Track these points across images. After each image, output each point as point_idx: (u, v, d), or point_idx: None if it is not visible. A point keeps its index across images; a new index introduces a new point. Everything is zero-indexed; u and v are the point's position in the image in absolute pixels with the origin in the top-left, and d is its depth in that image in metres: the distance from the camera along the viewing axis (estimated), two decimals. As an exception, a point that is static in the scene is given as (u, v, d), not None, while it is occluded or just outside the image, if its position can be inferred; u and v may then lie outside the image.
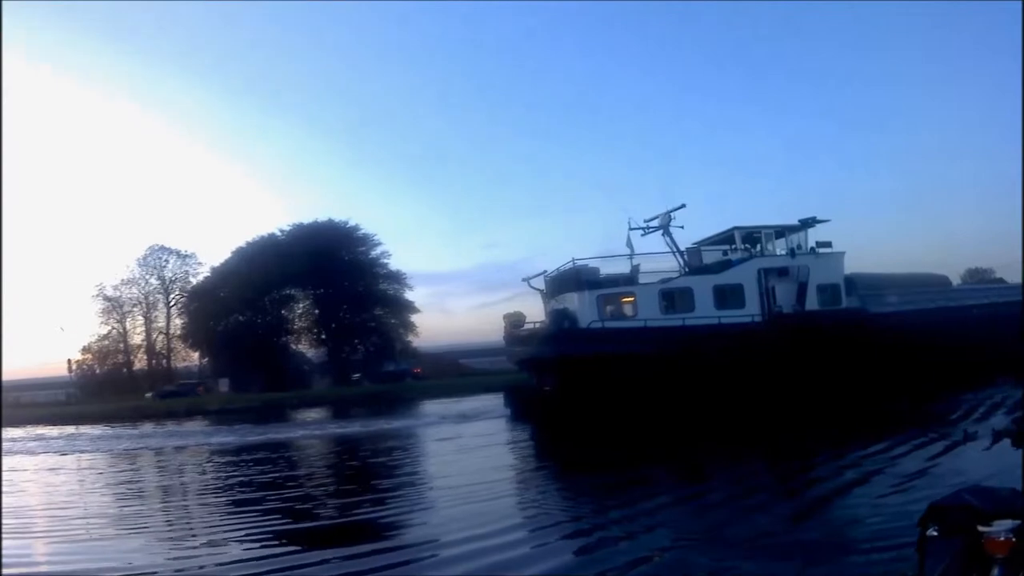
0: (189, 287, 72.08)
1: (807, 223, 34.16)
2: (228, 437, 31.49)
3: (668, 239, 33.46)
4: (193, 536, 13.06)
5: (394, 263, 70.20)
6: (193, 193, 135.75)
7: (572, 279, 32.13)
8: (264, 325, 68.00)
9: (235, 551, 11.22)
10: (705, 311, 30.87)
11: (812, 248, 33.62)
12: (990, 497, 3.28)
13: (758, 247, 34.32)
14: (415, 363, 63.54)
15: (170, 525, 14.34)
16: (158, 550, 11.75)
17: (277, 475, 20.03)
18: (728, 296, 31.71)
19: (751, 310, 31.40)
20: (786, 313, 32.05)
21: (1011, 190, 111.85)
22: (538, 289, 35.63)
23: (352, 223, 69.19)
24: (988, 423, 17.36)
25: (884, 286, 35.53)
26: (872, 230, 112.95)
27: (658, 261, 33.55)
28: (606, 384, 26.80)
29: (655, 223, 33.60)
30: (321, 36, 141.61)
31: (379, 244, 69.41)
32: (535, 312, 35.74)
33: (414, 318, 70.92)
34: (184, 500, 17.52)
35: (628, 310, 31.70)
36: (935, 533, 3.29)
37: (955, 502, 3.30)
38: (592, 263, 32.34)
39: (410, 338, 69.92)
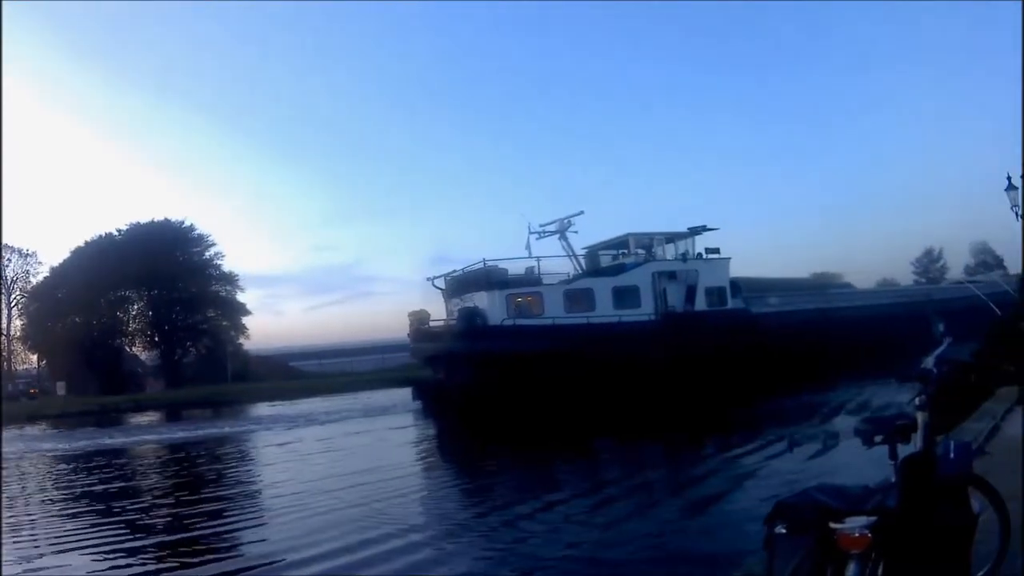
0: (29, 287, 70.03)
1: (696, 230, 37.64)
2: (66, 443, 30.63)
3: (564, 243, 36.66)
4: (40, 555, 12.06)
5: (227, 264, 70.94)
6: (46, 180, 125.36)
7: (482, 279, 34.14)
8: (100, 327, 66.75)
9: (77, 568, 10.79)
10: (605, 310, 33.61)
11: (699, 254, 37.08)
12: (840, 494, 3.22)
13: (651, 252, 37.47)
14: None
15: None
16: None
17: (113, 484, 19.14)
18: (625, 296, 34.47)
19: (646, 309, 34.46)
20: (678, 312, 35.02)
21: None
22: (439, 288, 37.96)
23: (187, 223, 69.65)
24: (832, 424, 19.41)
25: (765, 289, 39.89)
26: (752, 236, 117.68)
27: (551, 263, 36.29)
28: (517, 378, 28.83)
29: (552, 227, 36.61)
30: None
31: (213, 245, 69.92)
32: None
33: (245, 320, 71.71)
34: (27, 513, 16.07)
35: (534, 308, 33.79)
36: (783, 531, 3.14)
37: (804, 500, 3.21)
38: (501, 264, 34.97)
39: (241, 340, 70.79)
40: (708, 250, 37.21)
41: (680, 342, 31.22)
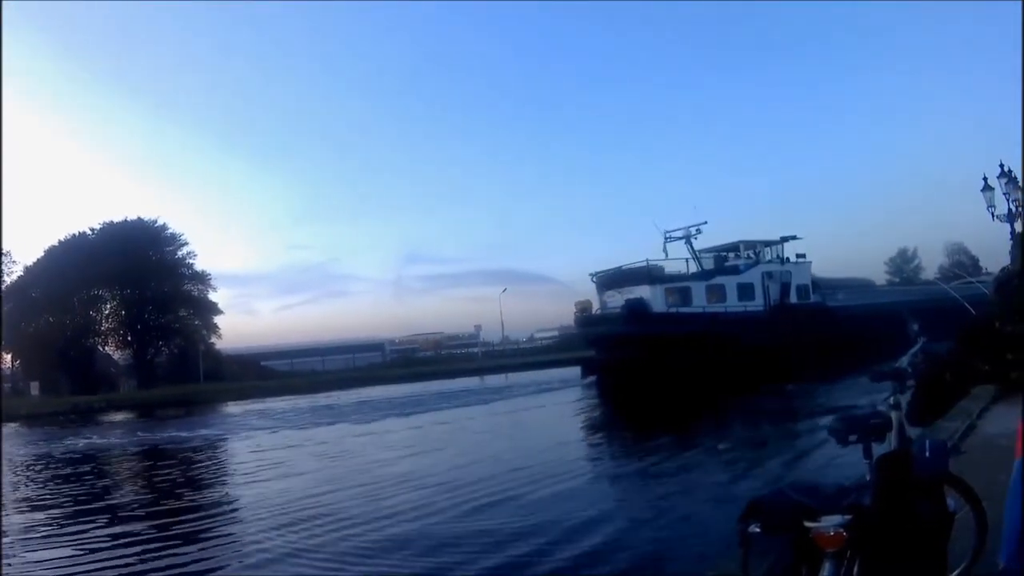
0: (3, 286, 69.52)
1: (786, 239, 47.74)
2: (43, 447, 29.62)
3: (689, 247, 46.07)
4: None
5: (199, 264, 72.49)
6: (19, 180, 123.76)
7: (644, 274, 42.90)
8: (73, 326, 68.41)
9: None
10: (732, 302, 43.13)
11: (787, 258, 47.67)
12: (814, 493, 3.29)
13: (758, 255, 47.70)
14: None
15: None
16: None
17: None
18: (745, 291, 43.89)
19: (759, 302, 43.94)
20: (780, 305, 44.36)
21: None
22: (594, 282, 47.26)
23: (160, 222, 71.36)
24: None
25: (834, 287, 50.46)
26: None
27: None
28: (677, 355, 35.62)
29: (678, 234, 45.92)
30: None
31: (185, 244, 72.62)
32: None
33: (217, 319, 73.98)
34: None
35: (682, 300, 42.52)
36: (757, 530, 3.19)
37: (778, 499, 3.29)
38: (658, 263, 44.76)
39: (213, 340, 72.38)
40: (798, 255, 47.66)
41: (782, 329, 39.87)
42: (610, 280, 45.67)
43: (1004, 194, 20.94)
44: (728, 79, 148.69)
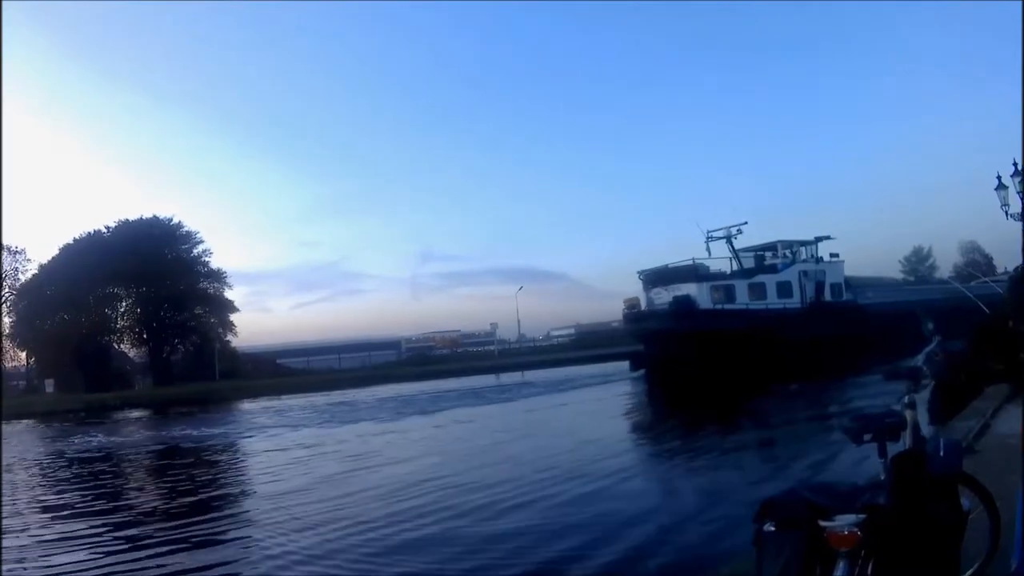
0: (18, 284, 71.63)
1: (820, 239, 49.40)
2: (50, 446, 29.79)
3: (730, 246, 47.59)
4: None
5: (213, 261, 73.30)
6: (34, 178, 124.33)
7: (691, 273, 44.60)
8: (88, 324, 68.80)
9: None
10: (772, 299, 44.60)
11: (821, 257, 49.05)
12: (828, 492, 3.32)
13: (795, 255, 49.55)
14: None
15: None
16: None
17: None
18: (784, 289, 45.33)
19: (796, 300, 45.29)
20: (817, 303, 45.69)
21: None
22: (641, 280, 49.18)
23: (176, 220, 72.34)
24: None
25: (864, 285, 51.60)
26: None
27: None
28: (724, 350, 37.17)
29: (719, 234, 47.53)
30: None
31: (201, 242, 72.64)
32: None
33: (233, 317, 75.28)
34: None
35: (725, 297, 44.01)
36: (772, 529, 3.22)
37: (792, 498, 3.31)
38: (702, 263, 46.74)
39: (229, 338, 73.34)
40: (831, 254, 49.21)
41: (819, 325, 41.34)
42: (657, 277, 47.34)
43: (1018, 192, 20.88)
44: (730, 79, 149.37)
